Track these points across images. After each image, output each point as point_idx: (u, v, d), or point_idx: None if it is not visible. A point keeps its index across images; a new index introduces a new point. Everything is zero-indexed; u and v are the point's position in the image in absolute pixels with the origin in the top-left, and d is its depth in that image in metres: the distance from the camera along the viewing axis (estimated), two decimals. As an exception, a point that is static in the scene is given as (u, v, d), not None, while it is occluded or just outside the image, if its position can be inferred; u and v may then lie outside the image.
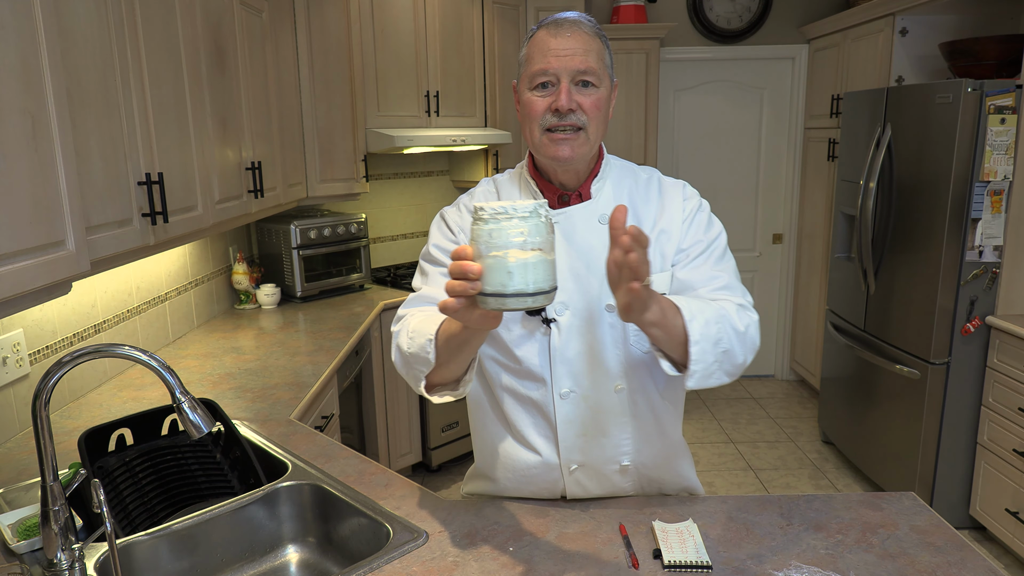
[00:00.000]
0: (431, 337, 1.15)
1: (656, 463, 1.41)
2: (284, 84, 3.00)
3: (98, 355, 1.14)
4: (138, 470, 1.51)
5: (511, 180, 1.41)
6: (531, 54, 1.23)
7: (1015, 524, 2.74)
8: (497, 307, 0.94)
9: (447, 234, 1.38)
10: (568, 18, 1.22)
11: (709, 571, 1.17)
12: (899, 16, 3.53)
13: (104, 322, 2.27)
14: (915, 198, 3.09)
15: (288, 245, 3.36)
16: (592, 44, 1.21)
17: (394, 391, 3.40)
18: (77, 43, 1.49)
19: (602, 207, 1.32)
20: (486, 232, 0.93)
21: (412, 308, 1.32)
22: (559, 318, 1.30)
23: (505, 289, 0.93)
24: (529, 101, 1.24)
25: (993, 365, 2.88)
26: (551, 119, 1.22)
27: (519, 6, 4.06)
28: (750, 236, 4.94)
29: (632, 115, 4.36)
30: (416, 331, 1.19)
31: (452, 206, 1.42)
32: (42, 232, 1.27)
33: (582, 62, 1.19)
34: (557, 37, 1.20)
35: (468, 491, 1.56)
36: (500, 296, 0.93)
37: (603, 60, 1.23)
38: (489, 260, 0.93)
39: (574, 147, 1.23)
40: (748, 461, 3.85)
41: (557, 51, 1.19)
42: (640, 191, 1.36)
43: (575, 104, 1.20)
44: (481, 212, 0.94)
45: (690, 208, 1.34)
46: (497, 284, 0.93)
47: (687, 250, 1.32)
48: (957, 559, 1.19)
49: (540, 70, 1.21)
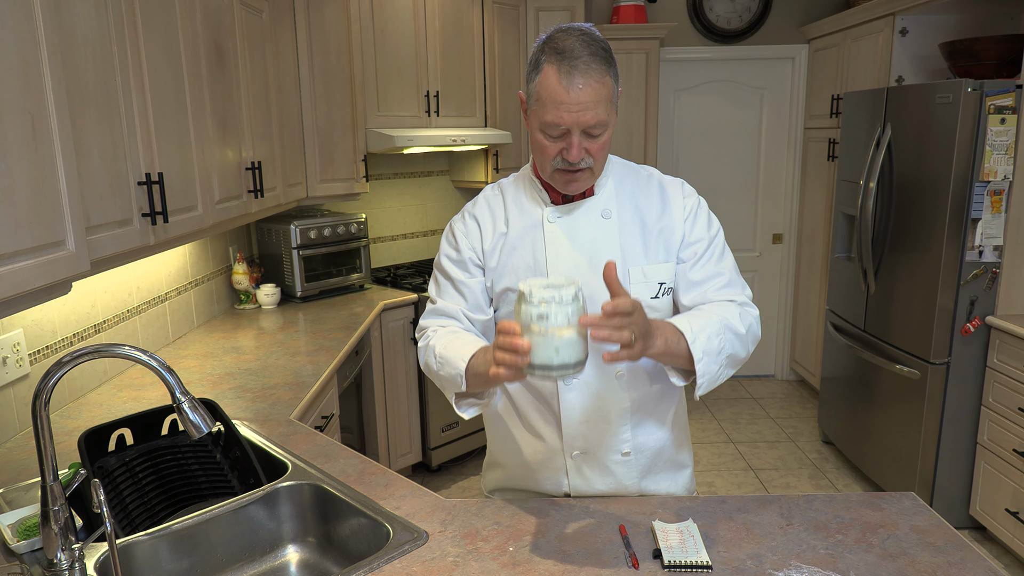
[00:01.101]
0: (461, 372, 1.26)
1: (657, 448, 1.46)
2: (284, 84, 3.00)
3: (98, 355, 1.14)
4: (138, 470, 1.51)
5: (516, 184, 1.46)
6: (542, 97, 1.24)
7: (1015, 524, 2.74)
8: (542, 377, 1.09)
9: (452, 244, 1.46)
10: (580, 58, 1.20)
11: (709, 571, 1.17)
12: (899, 16, 3.53)
13: (104, 322, 2.27)
14: (915, 198, 3.09)
15: (288, 245, 3.36)
16: (602, 91, 1.22)
17: (394, 391, 3.40)
18: (77, 43, 1.49)
19: (604, 202, 1.38)
20: (534, 313, 1.07)
21: (432, 321, 1.44)
22: None
23: (551, 362, 1.07)
24: (541, 141, 1.29)
25: (993, 365, 2.88)
26: (562, 163, 1.28)
27: (519, 6, 4.06)
28: (750, 236, 4.94)
29: (632, 115, 4.36)
30: (444, 359, 1.31)
31: (459, 216, 1.49)
32: (42, 232, 1.27)
33: (593, 116, 1.22)
34: (570, 90, 1.20)
35: (487, 487, 1.62)
36: (546, 368, 1.08)
37: (611, 101, 1.26)
38: (537, 338, 1.07)
39: (583, 182, 1.32)
40: (748, 461, 3.85)
41: (569, 106, 1.21)
42: (642, 188, 1.42)
43: (584, 152, 1.26)
44: (529, 296, 1.08)
45: (690, 206, 1.40)
46: (544, 358, 1.08)
47: (693, 246, 1.38)
48: (957, 559, 1.19)
49: (552, 123, 1.23)
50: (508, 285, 1.40)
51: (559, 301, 1.06)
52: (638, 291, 1.36)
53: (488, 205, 1.45)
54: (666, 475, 1.50)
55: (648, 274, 1.37)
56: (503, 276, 1.40)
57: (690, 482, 1.56)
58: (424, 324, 1.46)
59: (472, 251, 1.43)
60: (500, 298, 1.43)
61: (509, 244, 1.40)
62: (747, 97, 4.77)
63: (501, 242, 1.41)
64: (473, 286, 1.43)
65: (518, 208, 1.42)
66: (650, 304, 1.37)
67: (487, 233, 1.42)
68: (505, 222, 1.42)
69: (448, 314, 1.43)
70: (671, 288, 1.39)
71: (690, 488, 1.56)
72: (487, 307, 1.45)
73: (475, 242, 1.43)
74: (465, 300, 1.44)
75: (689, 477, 1.56)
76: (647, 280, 1.37)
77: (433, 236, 4.41)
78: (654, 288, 1.37)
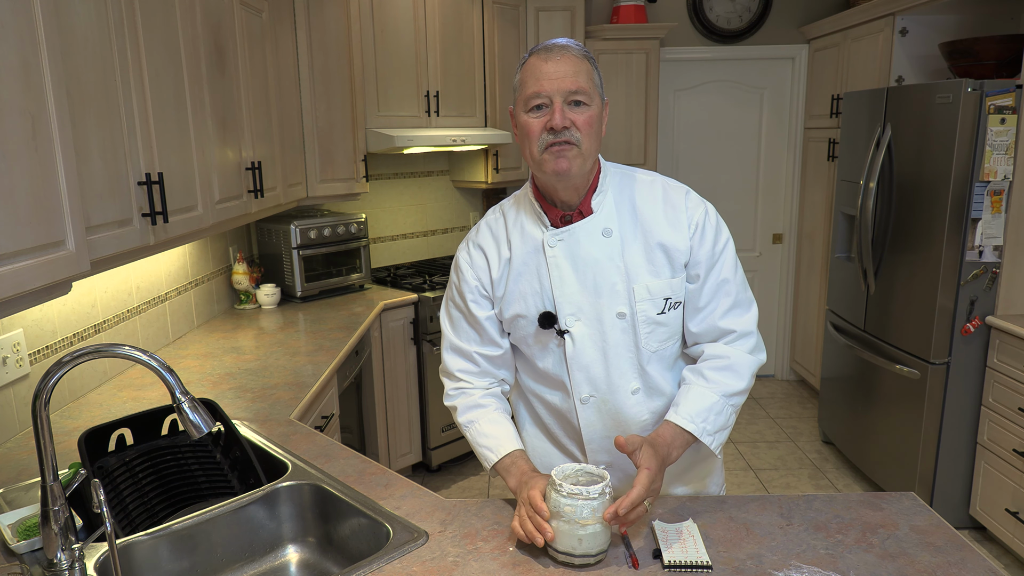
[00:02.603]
0: (490, 468, 1.41)
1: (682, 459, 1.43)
2: (284, 84, 3.00)
3: (98, 355, 1.14)
4: (138, 470, 1.51)
5: (516, 205, 1.46)
6: (524, 79, 1.30)
7: (1015, 524, 2.74)
8: (564, 563, 1.18)
9: (460, 276, 1.47)
10: (557, 44, 1.30)
11: (709, 571, 1.17)
12: (899, 16, 3.53)
13: (104, 322, 2.27)
14: (915, 198, 3.09)
15: (288, 245, 3.36)
16: (581, 66, 1.28)
17: (394, 391, 3.40)
18: (77, 43, 1.49)
19: (604, 220, 1.37)
20: (563, 503, 1.15)
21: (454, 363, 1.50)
22: (571, 329, 1.37)
23: (574, 551, 1.17)
24: (526, 123, 1.30)
25: (993, 365, 2.88)
26: (548, 137, 1.28)
27: (519, 6, 4.06)
28: (750, 236, 4.94)
29: (632, 115, 4.36)
30: (473, 444, 1.44)
31: (463, 245, 1.50)
32: (42, 232, 1.27)
33: (573, 83, 1.26)
34: (548, 62, 1.27)
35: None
36: (569, 555, 1.17)
37: (593, 80, 1.30)
38: (563, 526, 1.16)
39: (571, 160, 1.29)
40: (748, 461, 3.85)
41: (549, 74, 1.26)
42: (644, 198, 1.39)
43: (568, 121, 1.27)
44: (560, 487, 1.16)
45: (697, 219, 1.37)
46: (567, 547, 1.17)
47: (700, 265, 1.37)
48: (957, 559, 1.19)
49: (534, 93, 1.27)
50: (518, 312, 1.41)
51: (586, 496, 1.14)
52: (643, 308, 1.36)
53: (491, 231, 1.46)
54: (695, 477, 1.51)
55: (652, 290, 1.36)
56: (511, 304, 1.41)
57: (720, 480, 1.58)
58: (446, 365, 1.51)
59: (478, 282, 1.44)
60: (511, 324, 1.44)
61: (514, 271, 1.40)
62: (747, 97, 4.77)
63: (507, 269, 1.41)
64: (483, 319, 1.45)
65: (520, 232, 1.41)
66: (656, 320, 1.37)
67: (493, 262, 1.43)
68: (508, 246, 1.42)
69: (464, 354, 1.48)
70: (679, 303, 1.39)
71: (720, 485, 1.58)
72: (500, 338, 1.47)
73: (482, 273, 1.44)
74: (479, 336, 1.46)
75: (720, 476, 1.57)
76: (652, 297, 1.36)
77: (433, 236, 4.41)
78: (660, 304, 1.36)
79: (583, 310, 1.36)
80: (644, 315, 1.36)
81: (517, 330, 1.43)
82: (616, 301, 1.35)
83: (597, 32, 4.30)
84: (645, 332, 1.37)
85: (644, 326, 1.36)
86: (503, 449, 1.38)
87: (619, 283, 1.35)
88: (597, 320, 1.36)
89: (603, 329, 1.37)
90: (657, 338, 1.38)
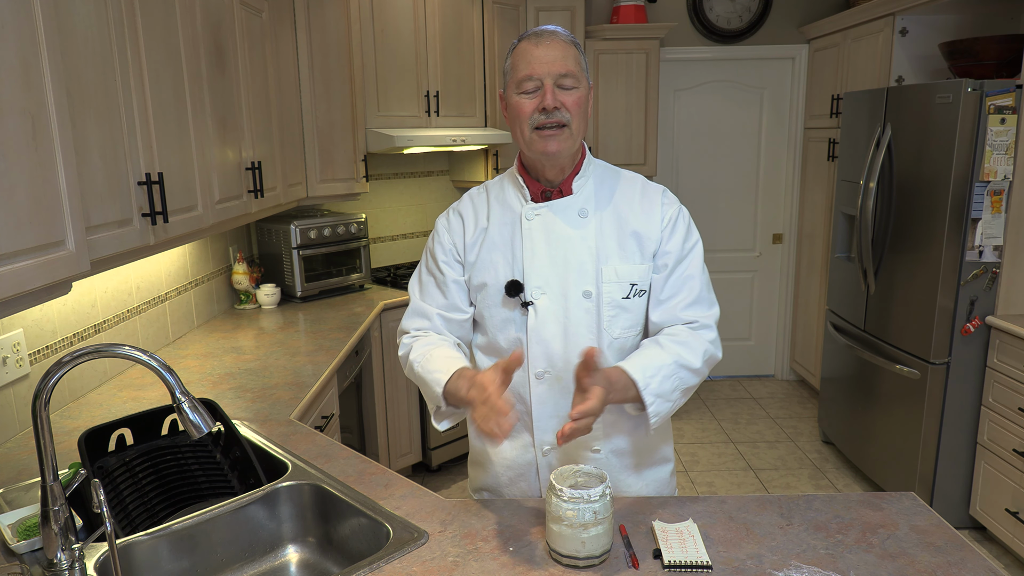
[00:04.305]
0: (439, 394, 1.34)
1: (629, 446, 1.47)
2: (284, 84, 3.00)
3: (98, 355, 1.14)
4: (138, 470, 1.51)
5: (501, 181, 1.51)
6: (516, 63, 1.36)
7: (1015, 524, 2.74)
8: (569, 565, 1.18)
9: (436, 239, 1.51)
10: (546, 29, 1.37)
11: (709, 571, 1.17)
12: (899, 16, 3.53)
13: (104, 322, 2.27)
14: (915, 198, 3.09)
15: (288, 245, 3.36)
16: (569, 50, 1.35)
17: (394, 391, 3.40)
18: (77, 43, 1.49)
19: (581, 202, 1.42)
20: (565, 508, 1.15)
21: (410, 323, 1.51)
22: (536, 301, 1.40)
23: (578, 555, 1.17)
24: (518, 103, 1.36)
25: (993, 365, 2.88)
26: (539, 118, 1.34)
27: (519, 6, 4.06)
28: (750, 236, 4.94)
29: (632, 115, 4.35)
30: (422, 380, 1.39)
31: (444, 213, 1.55)
32: (42, 232, 1.27)
33: (562, 66, 1.32)
34: (539, 46, 1.34)
35: (472, 486, 1.64)
36: (573, 558, 1.17)
37: (580, 64, 1.37)
38: (566, 530, 1.16)
39: (560, 141, 1.35)
40: (748, 461, 3.85)
41: (540, 58, 1.33)
42: (623, 191, 1.46)
43: (559, 103, 1.33)
44: (561, 492, 1.16)
45: (670, 215, 1.43)
46: (571, 550, 1.17)
47: (667, 256, 1.42)
48: (957, 559, 1.19)
49: (526, 76, 1.33)
50: (485, 280, 1.44)
51: (588, 500, 1.14)
52: (609, 290, 1.39)
53: (472, 202, 1.51)
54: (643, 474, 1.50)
55: (620, 274, 1.40)
56: (481, 271, 1.45)
57: (670, 480, 1.56)
58: (404, 326, 1.53)
59: (453, 245, 1.48)
60: (478, 291, 1.46)
61: (489, 239, 1.45)
62: (747, 97, 4.77)
63: (481, 237, 1.46)
64: (451, 280, 1.47)
65: (500, 204, 1.47)
66: (621, 304, 1.40)
67: (469, 228, 1.47)
68: (487, 217, 1.47)
69: (424, 315, 1.49)
70: (644, 291, 1.42)
71: (670, 488, 1.56)
72: (465, 304, 1.49)
73: (456, 237, 1.48)
74: (444, 298, 1.48)
75: (668, 476, 1.55)
76: (619, 280, 1.40)
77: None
78: (626, 288, 1.40)
79: (550, 284, 1.40)
80: (609, 297, 1.39)
81: (483, 298, 1.45)
82: (584, 279, 1.39)
83: (597, 32, 4.29)
84: (609, 315, 1.40)
85: (608, 308, 1.40)
86: (455, 367, 1.34)
87: (588, 262, 1.39)
88: (562, 296, 1.40)
89: (567, 306, 1.40)
90: (620, 324, 1.41)
